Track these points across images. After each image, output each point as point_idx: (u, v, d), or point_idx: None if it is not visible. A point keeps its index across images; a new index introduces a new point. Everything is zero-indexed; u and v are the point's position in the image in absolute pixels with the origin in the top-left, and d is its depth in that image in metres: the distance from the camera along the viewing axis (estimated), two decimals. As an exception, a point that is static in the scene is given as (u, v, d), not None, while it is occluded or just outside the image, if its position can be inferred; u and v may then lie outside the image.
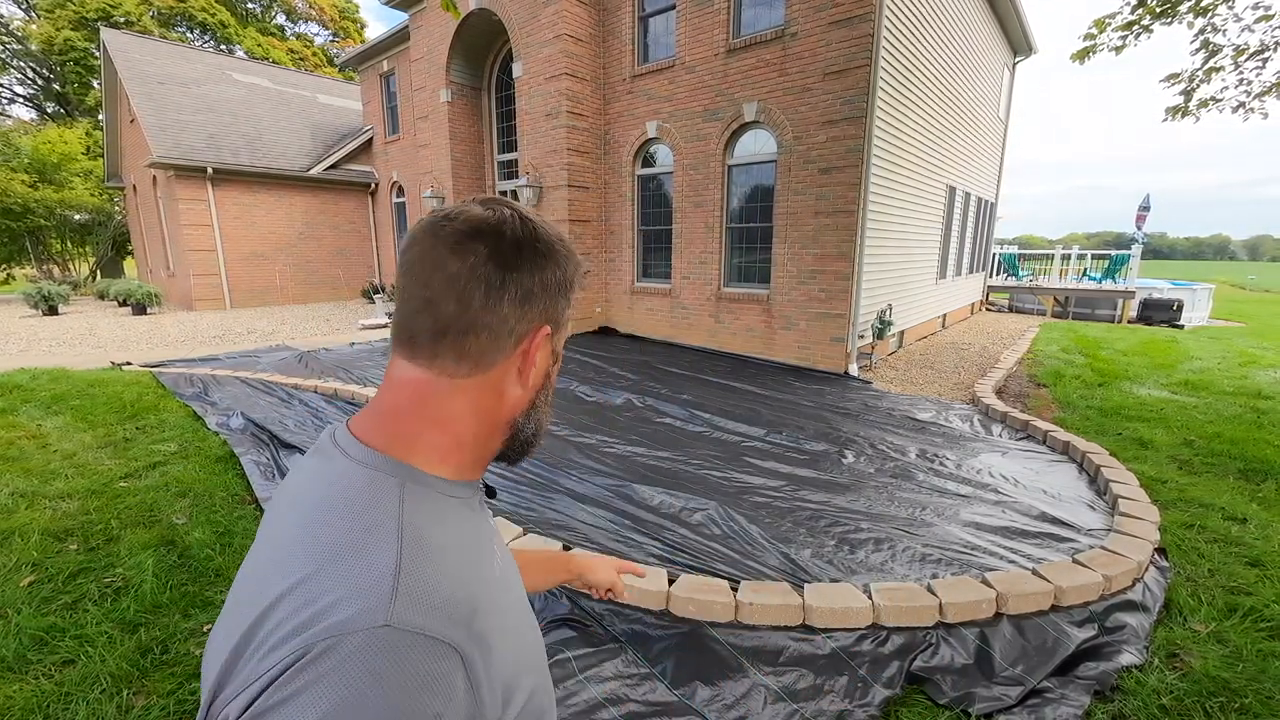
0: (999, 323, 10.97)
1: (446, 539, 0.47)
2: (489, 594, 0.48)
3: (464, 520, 0.52)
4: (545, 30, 7.97)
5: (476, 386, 0.52)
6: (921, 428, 4.54)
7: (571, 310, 0.60)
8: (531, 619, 0.59)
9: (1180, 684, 1.89)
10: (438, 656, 0.40)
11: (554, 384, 0.61)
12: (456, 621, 0.42)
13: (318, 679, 0.37)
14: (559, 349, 0.60)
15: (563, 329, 0.58)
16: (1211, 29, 5.68)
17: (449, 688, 0.39)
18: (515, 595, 0.56)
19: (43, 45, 22.00)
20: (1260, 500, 3.22)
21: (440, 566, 0.44)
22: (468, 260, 0.49)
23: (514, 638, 0.50)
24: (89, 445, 3.91)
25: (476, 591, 0.46)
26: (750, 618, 2.15)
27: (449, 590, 0.43)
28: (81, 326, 10.12)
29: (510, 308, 0.51)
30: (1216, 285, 16.23)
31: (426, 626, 0.40)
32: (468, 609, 0.44)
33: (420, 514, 0.47)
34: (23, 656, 1.94)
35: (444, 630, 0.41)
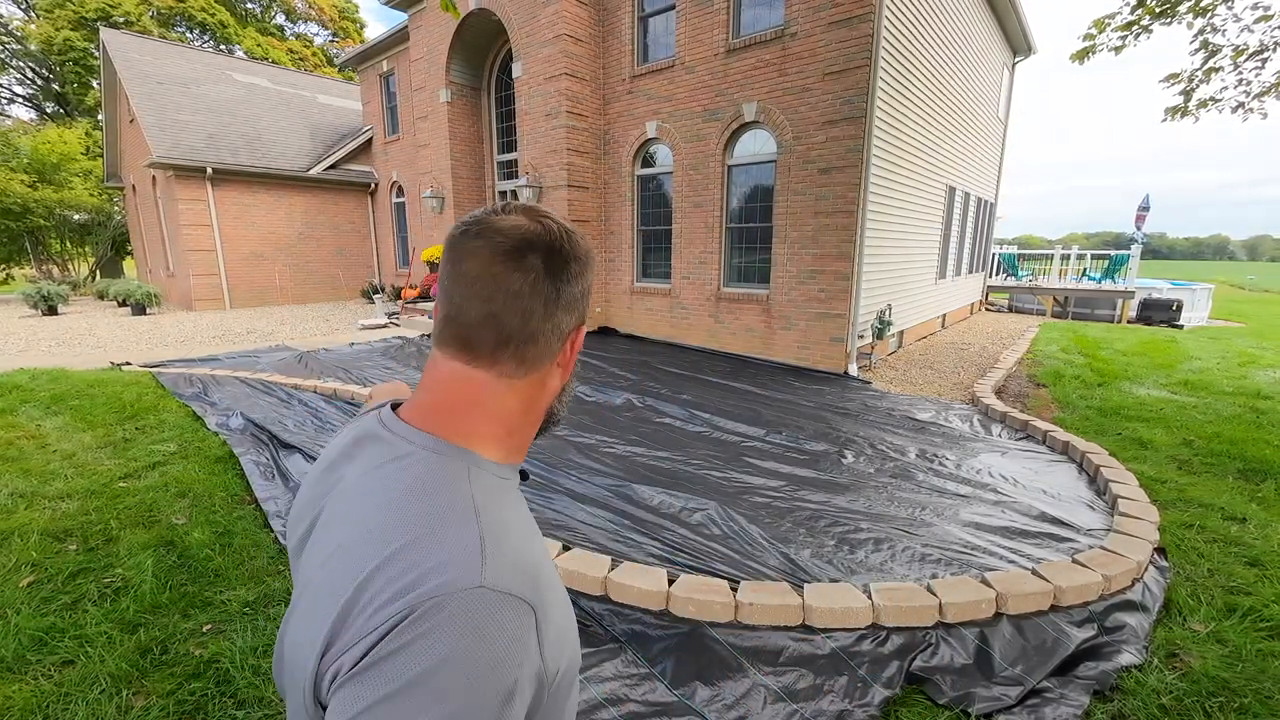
0: (998, 323, 10.98)
1: (507, 514, 0.53)
2: (546, 565, 0.53)
3: (516, 500, 0.58)
4: (545, 30, 7.97)
5: (528, 384, 0.58)
6: (921, 428, 4.54)
7: (589, 299, 0.65)
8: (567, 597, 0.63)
9: (1180, 684, 1.89)
10: (522, 614, 0.45)
11: (577, 371, 0.67)
12: (536, 585, 0.49)
13: (427, 632, 0.42)
14: (579, 340, 0.66)
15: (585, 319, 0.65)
16: (1211, 29, 5.68)
17: (529, 642, 0.45)
18: (555, 565, 0.63)
19: (42, 45, 21.99)
20: (1259, 500, 3.23)
21: (510, 538, 0.50)
22: (529, 277, 0.54)
23: (563, 608, 0.54)
24: (88, 445, 3.91)
25: (539, 561, 0.52)
26: (750, 618, 2.15)
27: (521, 558, 0.49)
28: (81, 327, 10.11)
29: (563, 315, 0.58)
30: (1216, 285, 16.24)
31: (514, 587, 0.46)
32: (534, 575, 0.49)
33: (484, 493, 0.53)
34: (22, 657, 1.94)
35: (526, 591, 0.47)
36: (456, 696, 0.41)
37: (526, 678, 0.45)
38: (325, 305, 13.70)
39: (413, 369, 6.43)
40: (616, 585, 2.28)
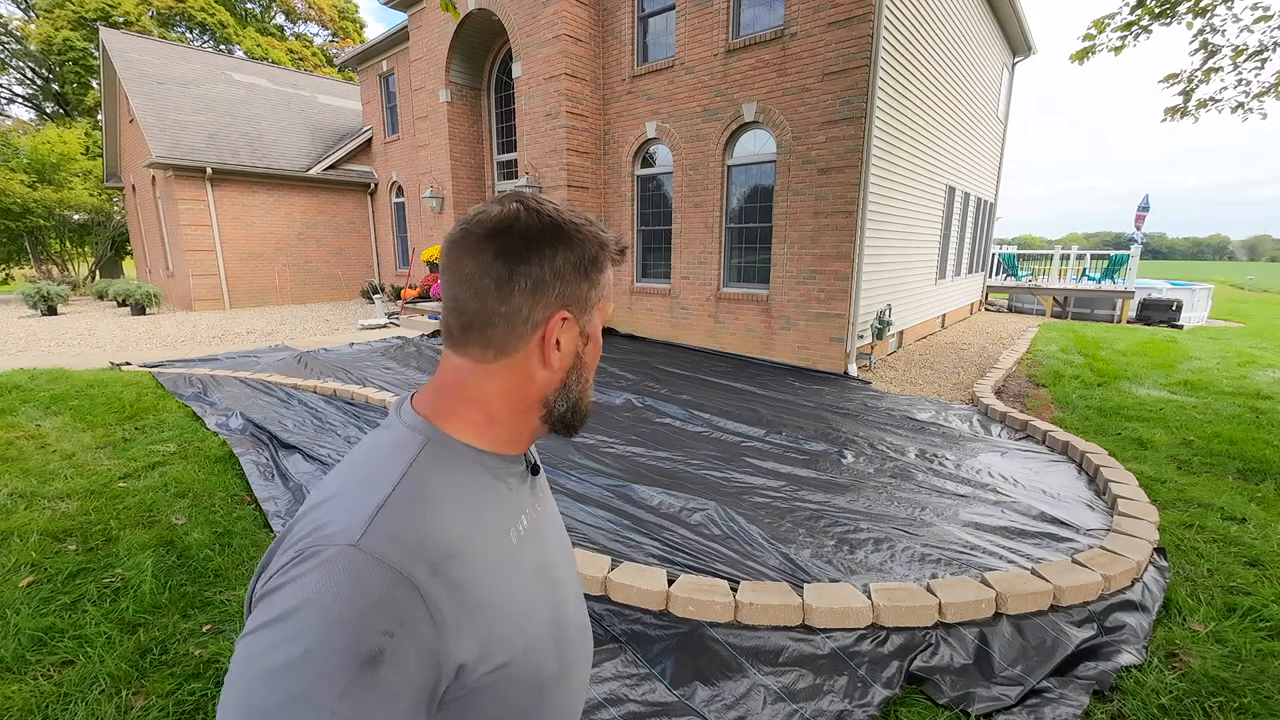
0: (998, 323, 10.98)
1: (449, 493, 0.54)
2: (481, 550, 0.54)
3: (483, 485, 0.58)
4: (544, 30, 7.97)
5: (504, 370, 0.58)
6: (921, 428, 4.54)
7: (601, 290, 0.62)
8: (552, 595, 0.63)
9: (1179, 684, 1.89)
10: (393, 584, 0.45)
11: (590, 363, 0.64)
12: (422, 560, 0.48)
13: (296, 576, 0.45)
14: (589, 329, 0.62)
15: (591, 309, 0.61)
16: (1210, 29, 5.69)
17: (403, 613, 0.45)
18: (530, 566, 0.60)
19: (41, 45, 21.97)
20: (1259, 500, 3.23)
21: (425, 512, 0.51)
22: (480, 259, 0.55)
23: (508, 599, 0.55)
24: (88, 445, 3.91)
25: (461, 543, 0.52)
26: (750, 618, 2.15)
27: (425, 532, 0.50)
28: (80, 327, 10.11)
29: (522, 298, 0.56)
30: (1215, 285, 16.23)
31: (388, 556, 0.46)
32: (442, 554, 0.49)
33: (431, 468, 0.54)
34: (21, 657, 1.94)
35: (404, 563, 0.47)
36: (306, 642, 0.42)
37: (404, 652, 0.44)
38: (325, 305, 13.69)
39: (412, 369, 6.43)
40: (616, 585, 2.28)
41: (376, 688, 0.43)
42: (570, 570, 0.71)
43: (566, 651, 0.63)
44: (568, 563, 0.71)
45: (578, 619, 0.68)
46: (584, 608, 0.73)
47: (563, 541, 0.72)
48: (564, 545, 0.72)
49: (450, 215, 10.66)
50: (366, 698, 0.42)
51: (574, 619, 0.67)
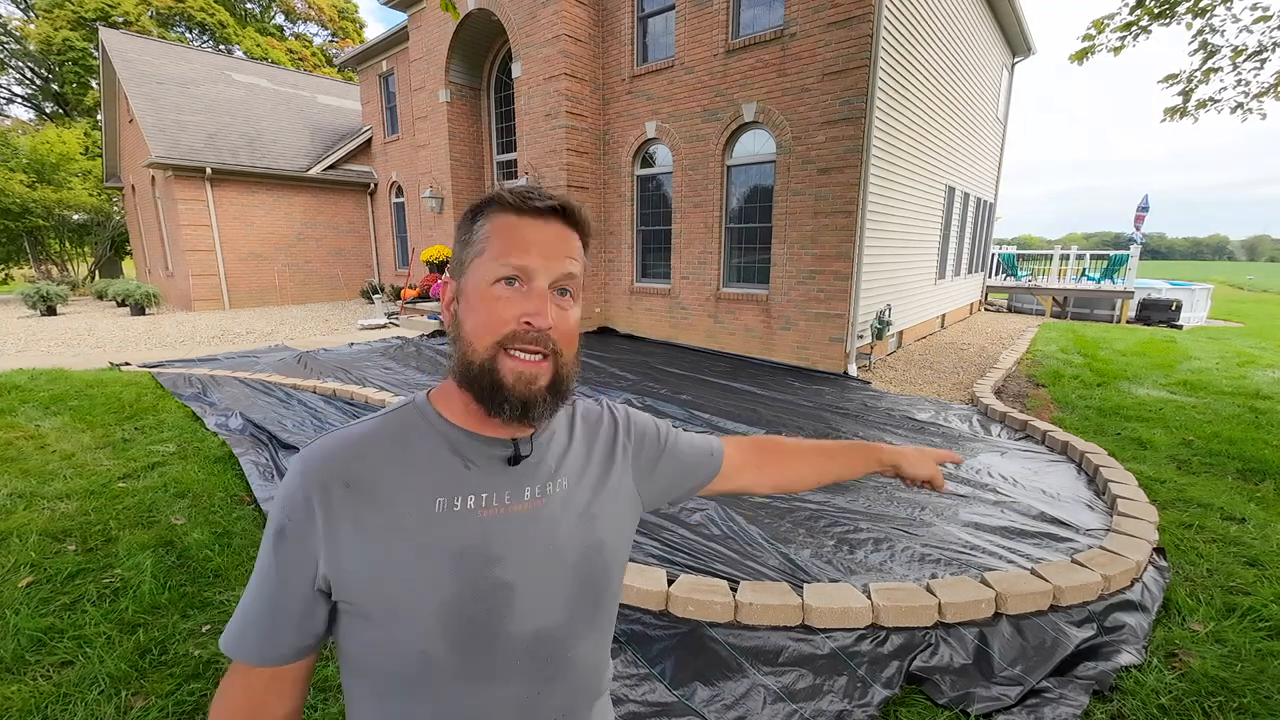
0: (998, 323, 10.99)
1: (384, 444, 0.63)
2: (381, 495, 0.60)
3: (429, 452, 0.63)
4: (544, 30, 7.97)
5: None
6: (920, 428, 4.54)
7: (475, 247, 0.62)
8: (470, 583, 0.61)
9: (1179, 684, 1.89)
10: (299, 483, 0.60)
11: (469, 319, 0.62)
12: (322, 475, 0.60)
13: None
14: (465, 285, 0.63)
15: (467, 267, 0.63)
16: (1210, 30, 5.69)
17: (297, 506, 0.60)
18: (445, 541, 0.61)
19: (41, 45, 21.95)
20: (1258, 500, 3.23)
21: (350, 446, 0.62)
22: None
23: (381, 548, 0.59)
24: (87, 446, 3.90)
25: (363, 480, 0.60)
26: (749, 618, 2.15)
27: (338, 459, 0.61)
28: (80, 327, 10.10)
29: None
30: (1215, 285, 16.24)
31: (304, 467, 0.61)
32: (339, 478, 0.60)
33: (393, 422, 0.65)
34: (21, 657, 1.94)
35: (309, 471, 0.60)
36: (270, 512, 0.62)
37: (293, 534, 0.59)
38: (324, 305, 13.69)
39: (412, 369, 6.43)
40: (616, 585, 2.28)
41: (279, 553, 0.60)
42: (547, 586, 0.65)
43: (482, 656, 0.61)
44: (548, 577, 0.65)
45: (532, 635, 0.63)
46: (569, 636, 0.67)
47: (558, 555, 0.66)
48: (557, 560, 0.66)
49: (450, 215, 10.66)
50: (274, 558, 0.60)
51: (519, 631, 0.63)
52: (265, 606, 0.60)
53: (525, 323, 0.59)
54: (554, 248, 0.61)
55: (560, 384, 0.63)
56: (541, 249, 0.60)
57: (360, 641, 0.62)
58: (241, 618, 0.61)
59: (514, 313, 0.59)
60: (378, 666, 0.61)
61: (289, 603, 0.60)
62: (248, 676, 0.61)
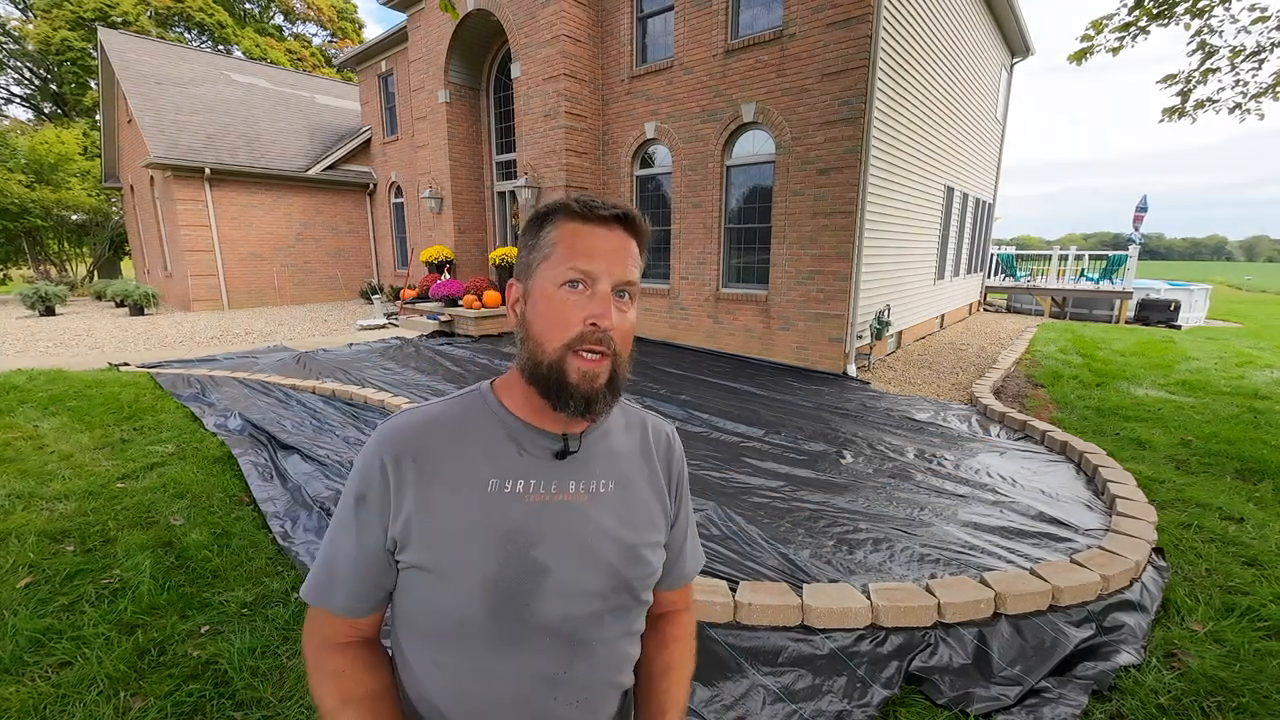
0: (997, 323, 11.00)
1: (456, 427, 0.71)
2: (443, 471, 0.68)
3: (488, 437, 0.70)
4: (544, 31, 7.97)
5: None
6: (920, 428, 4.54)
7: (541, 251, 0.68)
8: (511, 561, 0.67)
9: (1178, 683, 1.89)
10: (374, 456, 0.69)
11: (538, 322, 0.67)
12: (395, 448, 0.68)
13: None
14: (533, 289, 0.68)
15: (534, 270, 0.68)
16: (1208, 30, 5.70)
17: (374, 476, 0.68)
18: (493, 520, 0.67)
19: (39, 45, 21.92)
20: (1257, 500, 3.23)
21: (422, 425, 0.70)
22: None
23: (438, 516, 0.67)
24: (86, 446, 3.90)
25: (429, 455, 0.69)
26: (749, 618, 2.15)
27: (410, 435, 0.69)
28: (79, 327, 10.09)
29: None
30: (1213, 286, 16.25)
31: (381, 441, 0.70)
32: (409, 452, 0.68)
33: (459, 408, 0.73)
34: (19, 658, 1.93)
35: (384, 446, 0.69)
36: (350, 480, 0.71)
37: (372, 500, 0.68)
38: (324, 306, 13.68)
39: (411, 369, 6.42)
40: (615, 586, 2.28)
41: (360, 515, 0.68)
42: (581, 574, 0.69)
43: (514, 628, 0.66)
44: (583, 565, 0.69)
45: (559, 618, 0.68)
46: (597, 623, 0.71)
47: (590, 552, 0.70)
48: (589, 550, 0.70)
49: (449, 216, 10.65)
50: (356, 522, 0.68)
51: (550, 611, 0.67)
52: (348, 565, 0.68)
53: (591, 324, 0.64)
54: (616, 253, 0.66)
55: (616, 381, 0.68)
56: (605, 255, 0.65)
57: (411, 598, 0.69)
58: (326, 572, 0.70)
59: (580, 315, 0.64)
60: (424, 623, 0.69)
61: (367, 563, 0.68)
62: (331, 623, 0.70)
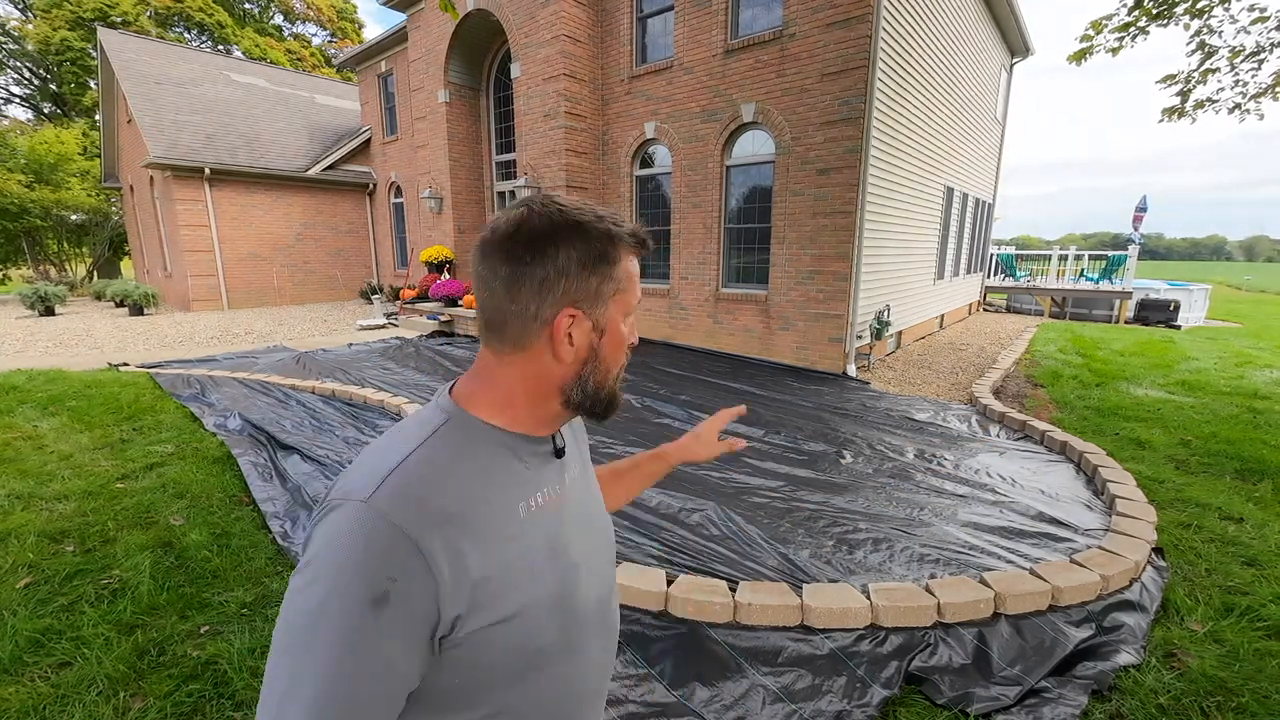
0: (996, 323, 11.00)
1: (459, 464, 0.60)
2: (481, 515, 0.58)
3: (497, 460, 0.63)
4: (543, 31, 7.97)
5: (521, 360, 0.63)
6: (919, 428, 4.54)
7: (615, 283, 0.65)
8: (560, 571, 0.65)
9: (1177, 683, 1.89)
10: (396, 536, 0.52)
11: (608, 355, 0.66)
12: (423, 517, 0.54)
13: (322, 521, 0.54)
14: (603, 323, 0.64)
15: (605, 302, 0.64)
16: (1208, 30, 5.70)
17: (403, 563, 0.51)
18: (538, 539, 0.64)
19: (39, 45, 21.91)
20: (1256, 500, 3.23)
21: (430, 477, 0.57)
22: (490, 263, 0.61)
23: (503, 564, 0.59)
24: (86, 446, 3.90)
25: (461, 507, 0.57)
26: (749, 618, 2.15)
27: (428, 494, 0.56)
28: (78, 327, 10.09)
29: (529, 297, 0.60)
30: (1213, 286, 16.26)
31: (391, 514, 0.52)
32: (441, 515, 0.55)
33: (447, 441, 0.60)
34: (19, 659, 1.94)
35: (406, 519, 0.53)
36: (326, 584, 0.50)
37: (404, 596, 0.51)
38: (323, 306, 13.67)
39: (411, 369, 6.42)
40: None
41: (383, 624, 0.50)
42: (595, 556, 0.73)
43: (573, 628, 0.66)
44: (594, 549, 0.74)
45: (596, 603, 0.71)
46: (610, 596, 0.76)
47: (591, 527, 0.75)
48: (593, 531, 0.75)
49: (449, 216, 10.65)
50: (375, 631, 0.50)
51: (588, 600, 0.70)
52: (373, 689, 0.51)
53: (632, 345, 0.70)
54: None
55: None
56: None
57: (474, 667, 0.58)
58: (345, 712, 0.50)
59: (628, 343, 0.69)
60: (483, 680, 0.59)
61: (404, 672, 0.53)
62: None
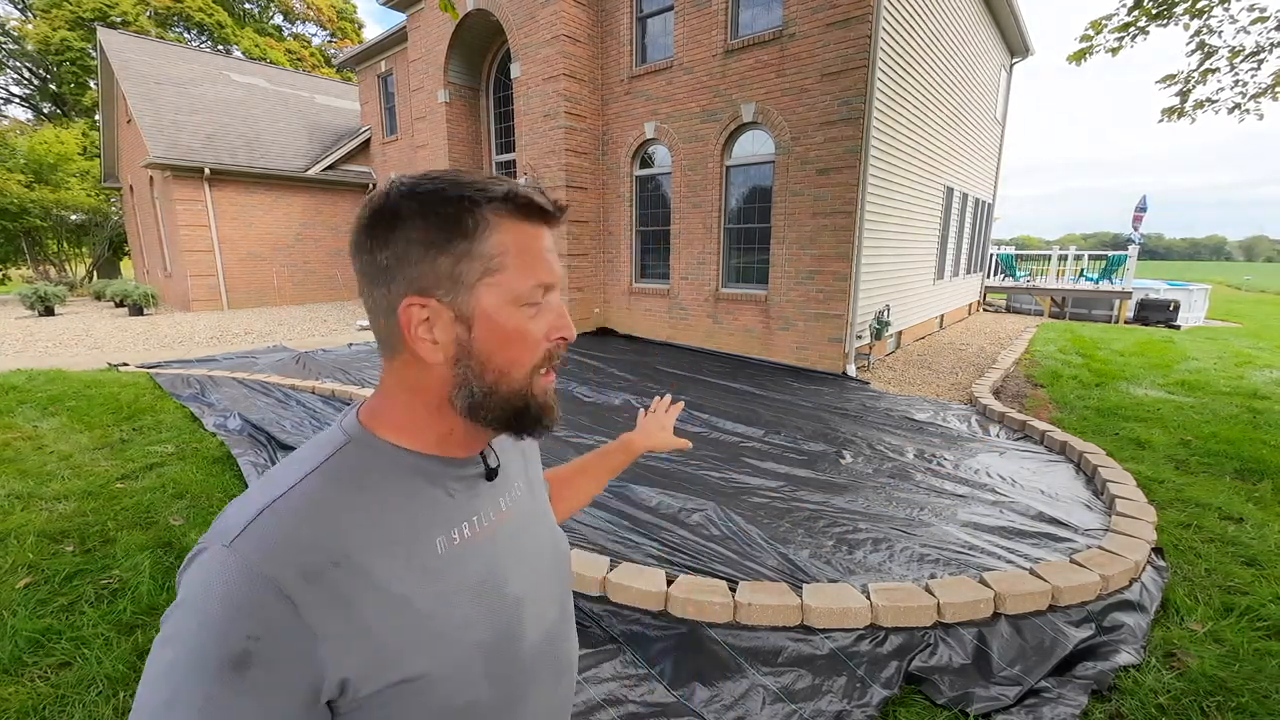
0: (996, 323, 11.00)
1: (360, 496, 0.51)
2: (382, 557, 0.49)
3: (407, 489, 0.54)
4: (543, 31, 7.97)
5: (398, 366, 0.55)
6: (919, 428, 4.54)
7: (480, 260, 0.51)
8: (497, 614, 0.56)
9: (1177, 683, 1.89)
10: (258, 588, 0.44)
11: (488, 350, 0.53)
12: (295, 564, 0.45)
13: (186, 574, 0.46)
14: (470, 312, 0.52)
15: (469, 286, 0.51)
16: (1207, 30, 5.70)
17: (268, 618, 0.43)
18: (466, 578, 0.55)
19: (39, 45, 21.91)
20: (1256, 500, 3.23)
21: (313, 514, 0.48)
22: (354, 254, 0.55)
23: (413, 612, 0.50)
24: (85, 446, 3.90)
25: (352, 549, 0.48)
26: (748, 618, 2.15)
27: (307, 535, 0.47)
28: (78, 327, 10.08)
29: (378, 289, 0.53)
30: (1212, 286, 16.26)
31: (257, 559, 0.45)
32: (323, 559, 0.46)
33: (341, 469, 0.52)
34: (18, 659, 1.93)
35: (272, 567, 0.44)
36: (180, 642, 0.43)
37: (273, 656, 0.43)
38: (323, 306, 13.67)
39: (411, 370, 6.42)
40: (615, 586, 2.28)
41: (246, 690, 0.42)
42: (541, 584, 0.64)
43: (514, 678, 0.57)
44: (540, 576, 0.64)
45: (544, 638, 0.62)
46: (561, 622, 0.66)
47: (536, 551, 0.65)
48: (538, 555, 0.65)
49: (449, 216, 10.64)
50: (235, 699, 0.42)
51: (535, 639, 0.60)
52: None
53: (560, 339, 0.56)
54: (555, 252, 0.56)
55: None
56: (555, 258, 0.56)
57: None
58: None
59: (543, 331, 0.55)
60: None
61: None
62: None
